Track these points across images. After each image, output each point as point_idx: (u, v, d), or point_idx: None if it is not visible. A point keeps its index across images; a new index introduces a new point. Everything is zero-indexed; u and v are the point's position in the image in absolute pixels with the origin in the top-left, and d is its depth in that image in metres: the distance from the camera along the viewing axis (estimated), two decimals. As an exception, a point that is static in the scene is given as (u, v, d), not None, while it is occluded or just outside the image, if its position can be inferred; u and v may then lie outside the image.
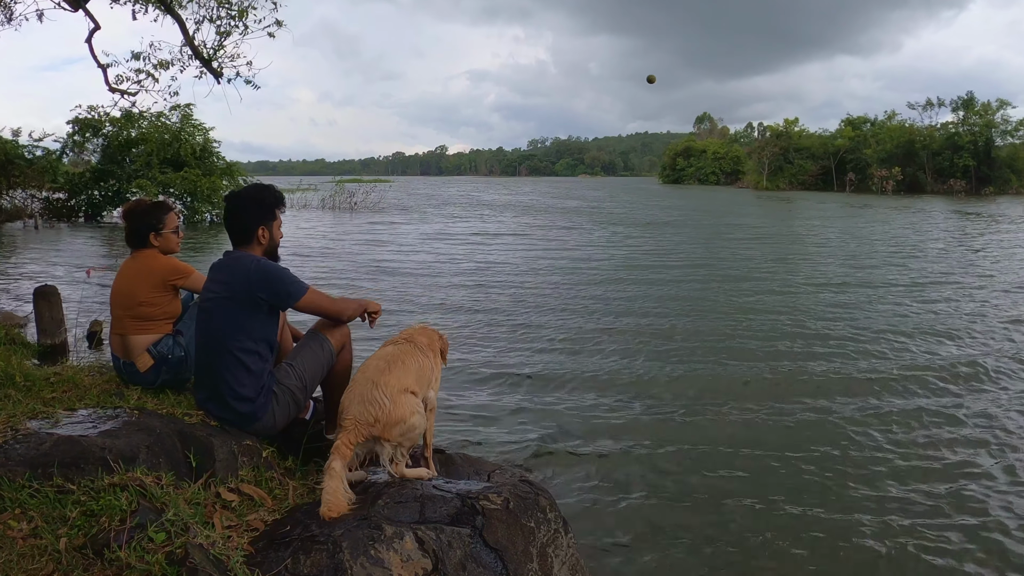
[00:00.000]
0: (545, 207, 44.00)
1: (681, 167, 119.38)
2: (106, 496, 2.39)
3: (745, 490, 4.76)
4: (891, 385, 6.87)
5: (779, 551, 4.02)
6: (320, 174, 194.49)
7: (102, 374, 4.07)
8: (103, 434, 2.86)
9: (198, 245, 20.92)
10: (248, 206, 3.49)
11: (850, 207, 44.24)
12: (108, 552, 2.12)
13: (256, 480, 3.05)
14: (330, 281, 13.33)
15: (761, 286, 13.00)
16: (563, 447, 5.45)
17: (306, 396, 3.59)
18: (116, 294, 3.89)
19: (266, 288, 3.32)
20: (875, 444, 5.51)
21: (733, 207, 43.84)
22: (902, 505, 4.55)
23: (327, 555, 2.34)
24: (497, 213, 36.59)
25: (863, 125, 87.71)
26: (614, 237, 23.07)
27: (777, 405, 6.32)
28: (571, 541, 3.06)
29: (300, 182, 64.72)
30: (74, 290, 10.99)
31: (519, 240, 21.85)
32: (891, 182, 73.18)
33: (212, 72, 10.57)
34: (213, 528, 2.48)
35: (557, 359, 7.87)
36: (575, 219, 32.87)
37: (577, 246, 20.44)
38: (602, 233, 24.78)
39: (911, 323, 9.63)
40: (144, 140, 29.71)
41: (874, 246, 20.46)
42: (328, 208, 39.95)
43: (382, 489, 2.93)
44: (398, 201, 48.70)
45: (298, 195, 43.39)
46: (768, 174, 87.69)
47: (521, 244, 20.49)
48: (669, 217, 34.21)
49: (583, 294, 12.25)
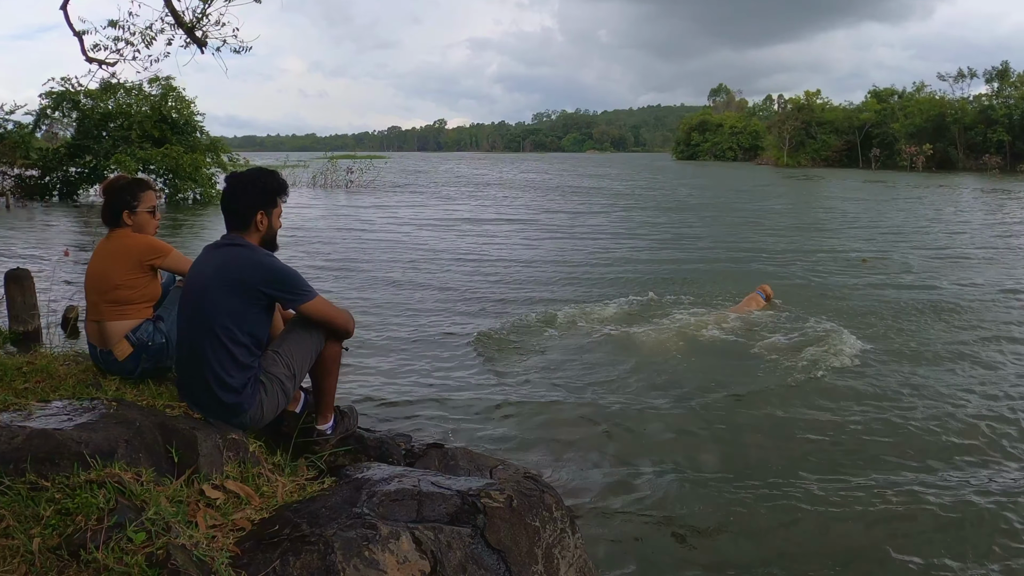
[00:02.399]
0: (552, 187, 43.89)
1: (696, 142, 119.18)
2: (82, 493, 2.38)
3: (772, 487, 4.73)
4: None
5: (807, 555, 4.01)
6: (311, 150, 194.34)
7: (78, 363, 4.06)
8: (79, 427, 2.85)
9: (179, 225, 20.91)
10: (248, 189, 3.49)
11: (888, 186, 43.98)
12: (84, 553, 2.11)
13: (242, 476, 3.04)
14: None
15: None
16: (570, 441, 5.44)
17: (295, 385, 3.59)
18: (91, 277, 3.87)
19: (271, 285, 3.33)
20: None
21: (759, 187, 43.35)
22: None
23: (318, 556, 2.33)
24: (513, 196, 36.20)
25: (890, 97, 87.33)
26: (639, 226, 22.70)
27: (811, 401, 6.26)
28: (579, 541, 3.05)
29: (287, 158, 64.57)
30: (48, 273, 10.99)
31: (534, 230, 21.21)
32: (921, 158, 72.85)
33: (196, 41, 10.47)
34: (196, 528, 2.47)
35: (563, 349, 7.86)
36: (592, 200, 32.75)
37: (597, 233, 20.26)
38: (626, 217, 24.32)
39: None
40: (123, 113, 29.62)
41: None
42: (320, 187, 39.88)
43: (377, 485, 2.93)
44: (398, 180, 48.52)
45: (287, 172, 43.21)
46: (789, 150, 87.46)
47: (539, 235, 19.86)
48: (693, 197, 33.81)
49: (594, 277, 12.25)
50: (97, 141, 29.60)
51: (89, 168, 29.40)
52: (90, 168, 29.35)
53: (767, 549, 4.05)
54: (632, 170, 70.98)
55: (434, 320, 9.19)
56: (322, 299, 3.50)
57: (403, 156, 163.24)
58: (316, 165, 45.33)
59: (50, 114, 29.83)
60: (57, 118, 30.47)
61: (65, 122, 31.00)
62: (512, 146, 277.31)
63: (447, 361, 7.41)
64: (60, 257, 12.72)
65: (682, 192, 37.84)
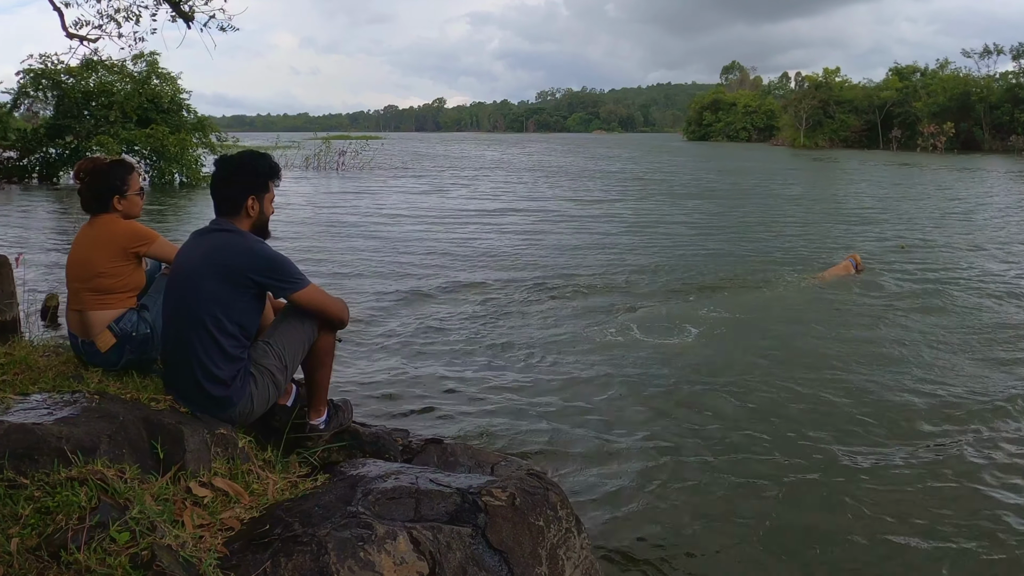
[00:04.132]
0: (564, 171, 43.76)
1: (708, 122, 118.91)
2: (63, 491, 2.37)
3: (788, 485, 4.73)
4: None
5: (814, 559, 4.00)
6: (304, 130, 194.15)
7: (58, 354, 4.06)
8: (60, 422, 2.84)
9: (165, 210, 20.90)
10: (239, 172, 3.47)
11: (915, 168, 43.79)
12: (65, 554, 2.10)
13: (231, 473, 3.04)
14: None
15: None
16: (576, 436, 5.44)
17: (287, 378, 3.58)
18: (72, 265, 3.86)
19: (261, 272, 3.31)
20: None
21: (783, 170, 42.92)
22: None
23: (311, 558, 2.32)
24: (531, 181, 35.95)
25: (912, 75, 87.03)
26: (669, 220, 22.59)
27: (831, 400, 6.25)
28: (585, 542, 3.05)
29: (277, 139, 64.29)
30: (27, 260, 10.99)
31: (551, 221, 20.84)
32: (943, 138, 72.55)
33: (182, 16, 10.45)
34: (183, 527, 2.47)
35: (570, 338, 7.85)
36: (613, 186, 32.64)
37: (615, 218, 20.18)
38: (659, 205, 23.75)
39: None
40: (105, 91, 29.55)
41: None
42: (312, 168, 39.82)
43: (372, 483, 2.92)
44: (395, 162, 48.41)
45: (279, 153, 43.07)
46: (806, 130, 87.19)
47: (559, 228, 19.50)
48: (719, 181, 33.43)
49: (597, 265, 12.23)
50: (78, 121, 29.55)
51: (70, 149, 29.38)
52: (71, 149, 29.33)
53: (795, 557, 4.01)
54: (645, 151, 70.70)
55: (433, 310, 9.20)
56: (315, 287, 3.48)
57: (401, 136, 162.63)
58: (309, 146, 45.17)
59: (31, 92, 29.79)
60: (37, 96, 30.41)
61: (46, 101, 30.94)
62: (515, 126, 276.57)
63: (447, 353, 7.41)
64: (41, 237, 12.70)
65: (706, 176, 37.25)
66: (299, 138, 65.65)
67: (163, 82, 30.91)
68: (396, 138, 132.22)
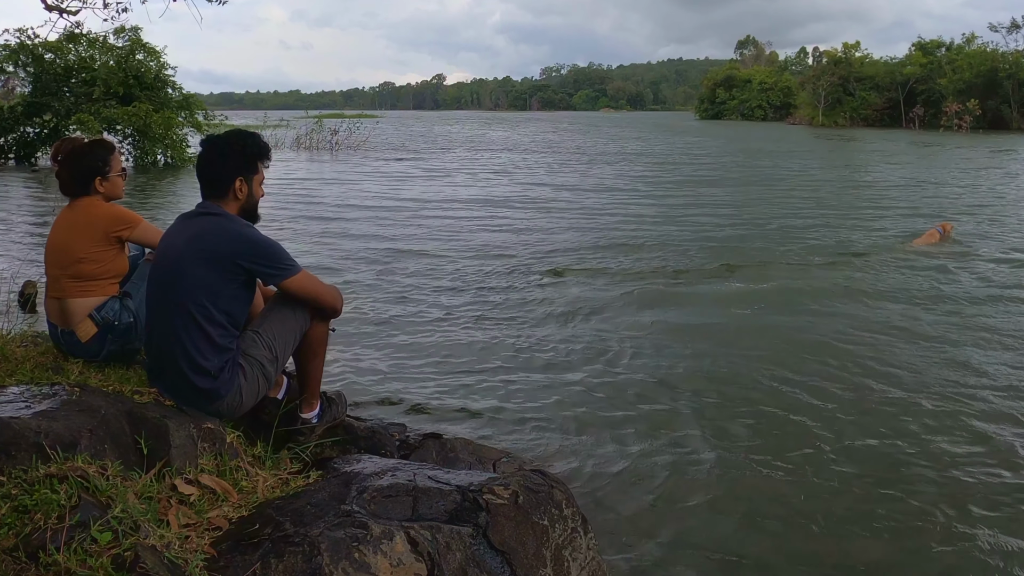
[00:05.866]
0: (580, 151, 43.64)
1: (722, 99, 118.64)
2: (41, 489, 2.36)
3: (803, 480, 4.71)
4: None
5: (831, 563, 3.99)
6: (295, 108, 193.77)
7: (37, 344, 4.06)
8: (38, 415, 2.84)
9: (148, 192, 20.87)
10: (226, 153, 3.46)
11: (943, 149, 43.55)
12: (44, 555, 2.10)
13: (219, 470, 3.05)
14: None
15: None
16: (583, 431, 5.42)
17: (277, 369, 3.58)
18: (51, 251, 3.85)
19: (250, 258, 3.30)
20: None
21: (808, 151, 42.32)
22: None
23: (303, 559, 2.33)
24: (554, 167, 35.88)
25: (937, 50, 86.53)
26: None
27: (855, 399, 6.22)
28: (591, 542, 3.05)
29: (266, 116, 64.17)
30: (2, 245, 10.99)
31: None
32: (968, 117, 72.25)
33: (167, -15, 10.41)
34: (168, 527, 2.47)
35: (583, 328, 7.84)
36: (637, 172, 32.54)
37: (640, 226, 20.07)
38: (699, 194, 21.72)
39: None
40: (85, 67, 29.47)
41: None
42: (304, 148, 39.75)
43: (368, 480, 2.92)
44: (393, 141, 48.26)
45: (268, 132, 42.93)
46: (824, 108, 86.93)
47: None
48: (747, 164, 32.79)
49: (613, 255, 12.21)
50: (57, 98, 29.46)
51: (49, 128, 29.29)
52: (50, 128, 29.24)
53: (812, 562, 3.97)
54: (658, 131, 70.10)
55: (434, 299, 9.16)
56: (307, 274, 3.48)
57: (398, 115, 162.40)
58: (301, 125, 45.03)
59: (7, 69, 29.72)
60: (14, 73, 30.34)
61: (22, 77, 30.86)
62: (518, 104, 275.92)
63: (447, 342, 7.38)
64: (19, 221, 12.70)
65: (731, 159, 35.89)
66: (290, 116, 65.49)
67: (148, 56, 30.77)
68: (393, 117, 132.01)
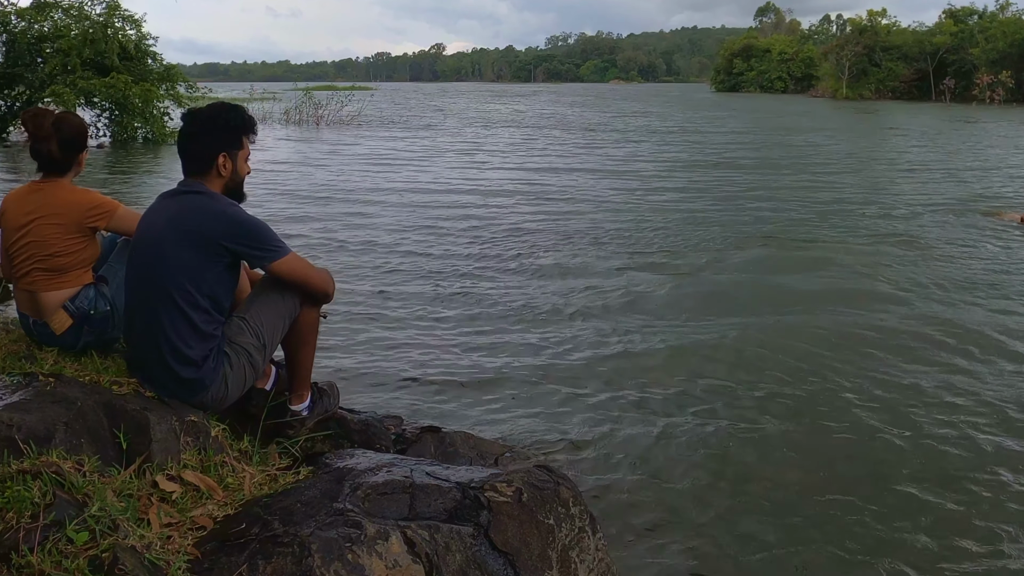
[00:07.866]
0: (601, 127, 43.52)
1: (739, 71, 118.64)
2: (13, 486, 2.36)
3: (821, 481, 4.72)
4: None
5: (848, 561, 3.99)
6: (285, 79, 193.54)
7: (8, 332, 4.04)
8: (9, 408, 2.84)
9: (127, 170, 20.85)
10: (208, 127, 3.43)
11: (983, 124, 43.27)
12: (16, 556, 2.10)
13: (203, 466, 3.04)
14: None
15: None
16: (590, 425, 5.42)
17: (265, 358, 3.57)
18: (20, 238, 3.65)
19: (234, 238, 3.27)
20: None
21: (837, 128, 42.02)
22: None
23: (293, 560, 2.32)
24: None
25: (969, 18, 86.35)
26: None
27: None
28: (600, 542, 3.05)
29: (251, 88, 63.89)
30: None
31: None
32: (1000, 89, 71.99)
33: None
34: (148, 526, 2.46)
35: (584, 318, 7.84)
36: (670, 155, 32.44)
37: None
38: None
39: None
40: (60, 35, 29.36)
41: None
42: (293, 123, 39.70)
43: (361, 477, 2.92)
44: (387, 115, 48.14)
45: (255, 105, 42.81)
46: (849, 79, 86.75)
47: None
48: (787, 143, 32.21)
49: (614, 240, 12.22)
50: (30, 69, 29.37)
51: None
52: (23, 101, 29.14)
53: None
54: (677, 105, 69.50)
55: (431, 285, 9.16)
56: (296, 256, 3.45)
57: (394, 87, 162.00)
58: (290, 98, 44.90)
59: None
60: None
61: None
62: (521, 75, 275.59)
63: (445, 330, 7.39)
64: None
65: (769, 137, 34.84)
66: (278, 88, 65.29)
67: (126, 24, 30.63)
68: (388, 89, 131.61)
